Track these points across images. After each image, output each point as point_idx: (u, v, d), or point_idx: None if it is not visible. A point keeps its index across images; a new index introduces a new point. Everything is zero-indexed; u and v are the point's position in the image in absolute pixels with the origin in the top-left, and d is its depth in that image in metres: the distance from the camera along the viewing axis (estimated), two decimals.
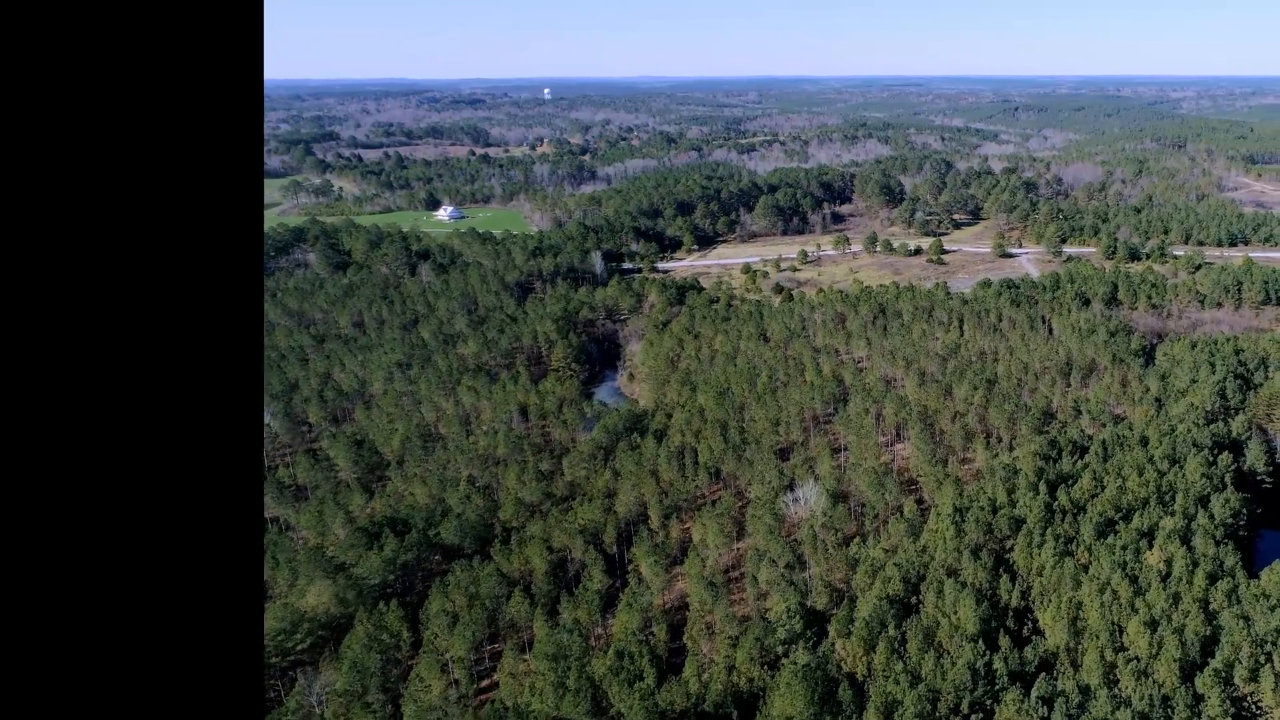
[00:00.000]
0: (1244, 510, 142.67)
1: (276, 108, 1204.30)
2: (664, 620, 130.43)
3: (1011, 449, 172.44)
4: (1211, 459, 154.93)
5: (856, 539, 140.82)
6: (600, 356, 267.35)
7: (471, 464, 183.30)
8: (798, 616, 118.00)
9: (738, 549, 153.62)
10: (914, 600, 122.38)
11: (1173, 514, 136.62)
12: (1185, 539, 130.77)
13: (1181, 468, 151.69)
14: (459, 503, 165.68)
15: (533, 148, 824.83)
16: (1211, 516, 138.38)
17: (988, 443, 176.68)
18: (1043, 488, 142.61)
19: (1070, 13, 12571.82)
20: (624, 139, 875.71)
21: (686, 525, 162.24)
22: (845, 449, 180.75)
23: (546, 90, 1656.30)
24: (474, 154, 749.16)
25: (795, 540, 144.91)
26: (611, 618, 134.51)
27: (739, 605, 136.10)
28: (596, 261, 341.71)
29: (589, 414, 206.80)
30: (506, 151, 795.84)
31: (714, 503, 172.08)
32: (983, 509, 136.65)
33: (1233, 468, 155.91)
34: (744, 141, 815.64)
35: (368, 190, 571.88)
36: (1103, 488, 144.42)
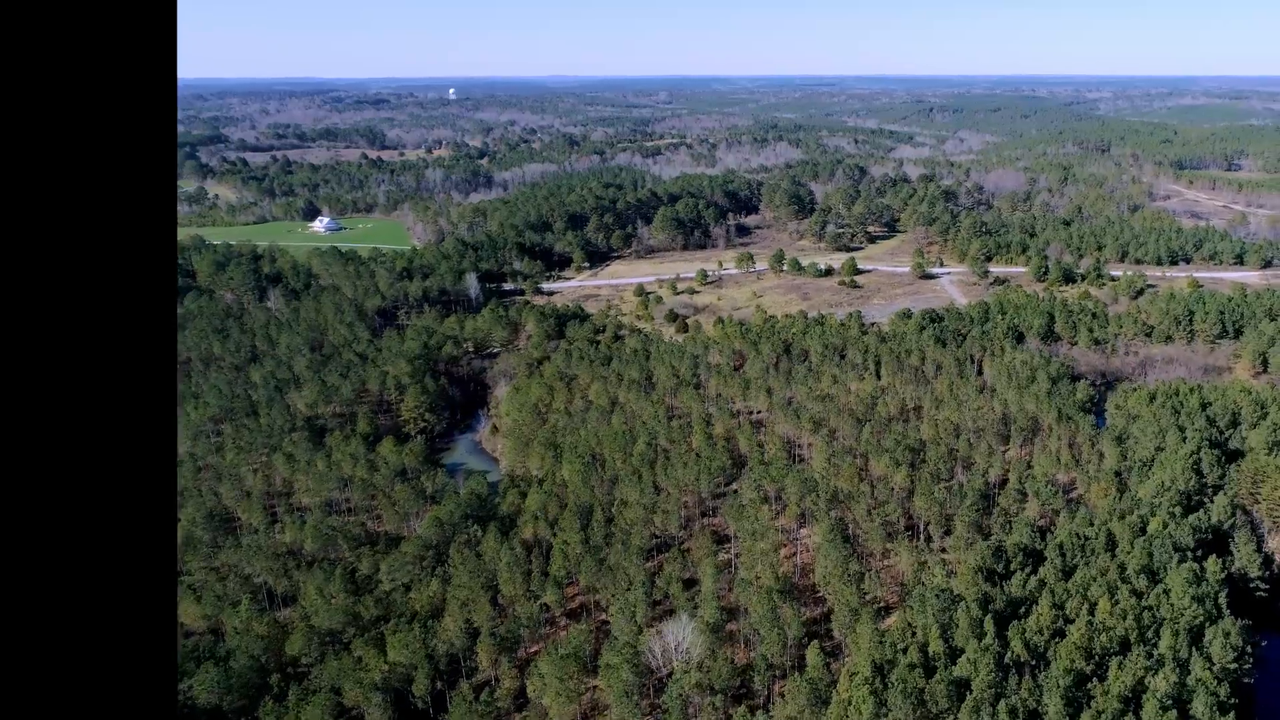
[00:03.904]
0: (1248, 648, 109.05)
1: None
2: None
3: (944, 544, 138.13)
4: (1198, 569, 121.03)
5: (743, 708, 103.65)
6: (464, 401, 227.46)
7: (269, 567, 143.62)
8: None
9: (593, 689, 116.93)
10: None
11: (1161, 664, 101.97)
12: (1183, 705, 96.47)
13: (1163, 583, 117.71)
14: (235, 631, 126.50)
15: (429, 151, 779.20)
16: (1209, 661, 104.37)
17: (913, 535, 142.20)
18: (989, 625, 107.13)
19: (984, 11, 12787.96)
20: (526, 141, 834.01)
21: (534, 651, 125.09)
22: (735, 537, 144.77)
23: (451, 90, 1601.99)
24: (366, 158, 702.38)
25: (660, 699, 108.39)
26: None
27: None
28: (471, 284, 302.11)
29: (430, 489, 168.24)
30: (402, 155, 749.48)
31: (572, 613, 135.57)
32: (912, 666, 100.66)
33: (1223, 576, 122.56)
34: (649, 144, 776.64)
35: (245, 198, 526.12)
36: (1068, 622, 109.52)
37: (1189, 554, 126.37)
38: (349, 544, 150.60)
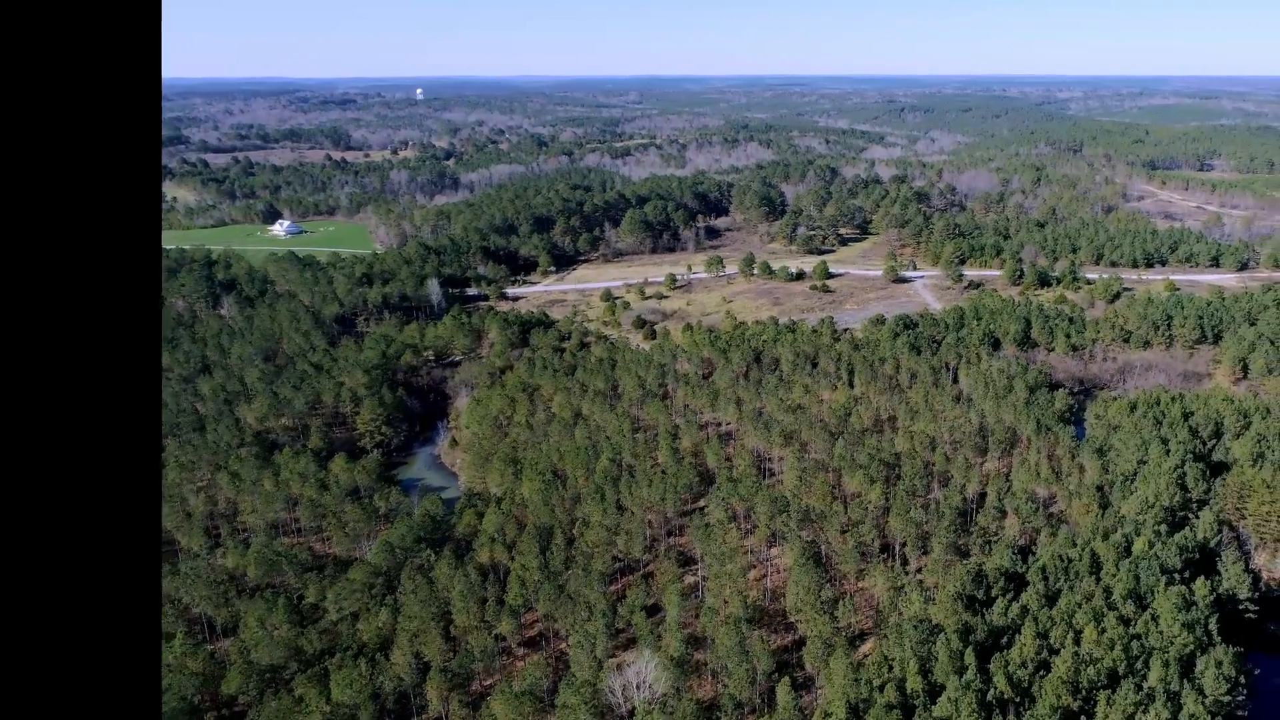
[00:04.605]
0: (1241, 678, 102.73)
1: None
2: None
3: (921, 565, 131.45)
4: (1187, 592, 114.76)
5: None
6: (423, 412, 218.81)
7: (208, 595, 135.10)
8: None
9: None
10: None
11: (1152, 699, 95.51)
12: None
13: (1151, 609, 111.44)
14: (168, 668, 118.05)
15: (395, 152, 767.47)
16: (1202, 694, 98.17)
17: (889, 556, 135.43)
18: (970, 657, 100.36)
19: (954, 12, 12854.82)
20: (493, 142, 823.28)
21: (489, 685, 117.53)
22: (701, 559, 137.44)
23: (419, 90, 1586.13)
24: (330, 159, 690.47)
25: None
26: None
27: None
28: (433, 290, 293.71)
29: (384, 508, 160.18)
30: (367, 156, 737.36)
31: (530, 641, 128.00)
32: (890, 706, 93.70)
33: (1212, 600, 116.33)
34: (619, 145, 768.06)
35: (205, 200, 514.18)
36: (1053, 652, 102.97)
37: (1176, 576, 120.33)
38: (295, 569, 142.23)
